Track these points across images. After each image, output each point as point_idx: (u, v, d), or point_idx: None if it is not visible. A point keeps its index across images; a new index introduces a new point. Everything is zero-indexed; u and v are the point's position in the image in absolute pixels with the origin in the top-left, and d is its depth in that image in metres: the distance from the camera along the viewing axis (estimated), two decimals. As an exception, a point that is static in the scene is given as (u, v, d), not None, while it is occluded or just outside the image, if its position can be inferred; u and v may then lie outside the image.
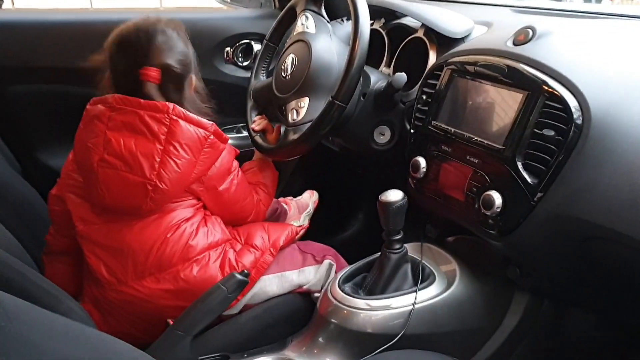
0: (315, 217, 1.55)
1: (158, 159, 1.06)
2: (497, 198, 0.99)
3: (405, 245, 1.14)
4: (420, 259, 1.16)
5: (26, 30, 1.58)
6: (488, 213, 1.01)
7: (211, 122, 1.13)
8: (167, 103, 1.08)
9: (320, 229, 1.59)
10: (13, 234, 1.11)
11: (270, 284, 1.20)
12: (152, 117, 1.07)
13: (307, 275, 1.24)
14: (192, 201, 1.16)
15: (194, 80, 1.20)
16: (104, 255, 1.12)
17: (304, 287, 1.24)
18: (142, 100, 1.08)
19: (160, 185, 1.06)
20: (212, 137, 1.11)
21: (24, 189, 1.28)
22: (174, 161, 1.07)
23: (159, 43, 1.12)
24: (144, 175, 1.06)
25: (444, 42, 1.30)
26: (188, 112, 1.10)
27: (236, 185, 1.23)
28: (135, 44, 1.11)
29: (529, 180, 0.96)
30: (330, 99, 1.17)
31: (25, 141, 1.63)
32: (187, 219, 1.14)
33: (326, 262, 1.26)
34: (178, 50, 1.15)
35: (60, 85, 1.61)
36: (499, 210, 0.99)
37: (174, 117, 1.07)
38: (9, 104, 1.58)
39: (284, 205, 1.52)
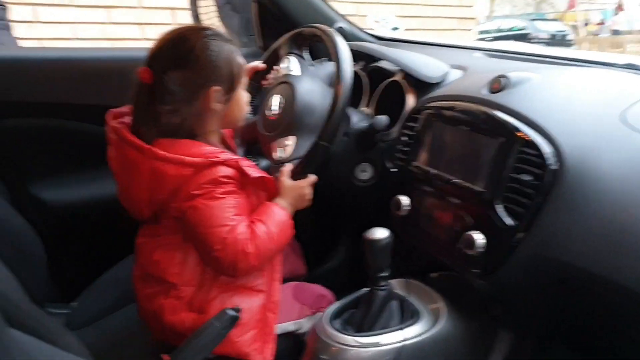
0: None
1: (121, 180, 1.10)
2: (479, 238, 1.03)
3: (390, 281, 1.17)
4: (405, 296, 1.20)
5: (21, 66, 1.60)
6: (470, 253, 1.04)
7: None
8: (119, 125, 1.07)
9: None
10: (7, 265, 1.09)
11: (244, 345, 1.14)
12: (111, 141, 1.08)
13: (301, 324, 1.24)
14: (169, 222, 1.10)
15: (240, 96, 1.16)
16: None
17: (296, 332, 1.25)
18: (129, 136, 1.06)
19: (125, 204, 1.11)
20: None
21: (16, 220, 1.28)
22: (126, 184, 1.09)
23: (201, 58, 1.07)
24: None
25: (421, 85, 1.36)
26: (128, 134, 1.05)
27: (210, 205, 1.04)
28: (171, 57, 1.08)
29: (508, 222, 1.00)
30: (316, 139, 1.21)
31: (19, 173, 1.64)
32: (155, 237, 1.12)
33: (320, 313, 1.25)
34: (220, 64, 1.09)
35: (54, 119, 1.63)
36: (481, 250, 1.02)
37: (121, 143, 1.06)
38: (3, 137, 1.60)
39: None
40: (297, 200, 1.19)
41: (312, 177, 1.22)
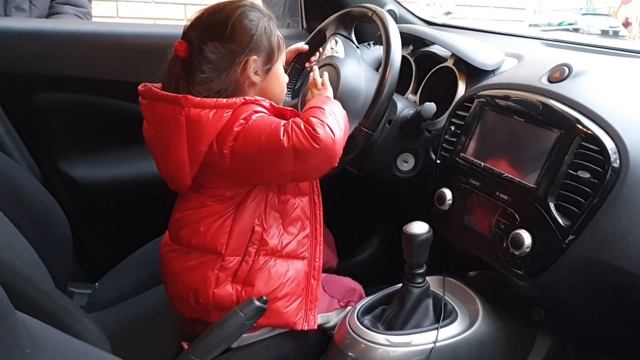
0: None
1: (157, 146, 1.07)
2: (527, 238, 0.97)
3: (427, 279, 1.11)
4: (442, 294, 1.14)
5: (54, 39, 1.58)
6: (516, 252, 0.99)
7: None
8: (147, 87, 1.06)
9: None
10: (32, 244, 1.10)
11: (291, 315, 1.14)
12: (143, 105, 1.06)
13: (329, 317, 1.21)
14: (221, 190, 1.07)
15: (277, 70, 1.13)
16: None
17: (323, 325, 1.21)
18: (140, 88, 1.07)
19: (164, 171, 1.09)
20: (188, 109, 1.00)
21: (44, 198, 1.27)
22: (164, 147, 1.05)
23: (242, 29, 1.05)
24: (158, 160, 1.10)
25: (474, 73, 1.29)
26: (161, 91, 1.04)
27: (254, 124, 1.00)
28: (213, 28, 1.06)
29: (561, 222, 0.94)
30: (358, 125, 1.15)
31: (48, 150, 1.62)
32: (202, 207, 1.09)
33: (349, 307, 1.22)
34: (260, 37, 1.06)
35: (85, 95, 1.60)
36: (527, 250, 0.97)
37: (153, 102, 1.03)
38: (35, 112, 1.58)
39: None
40: (322, 96, 1.16)
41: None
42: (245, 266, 1.07)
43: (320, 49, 1.39)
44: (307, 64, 1.44)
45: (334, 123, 1.01)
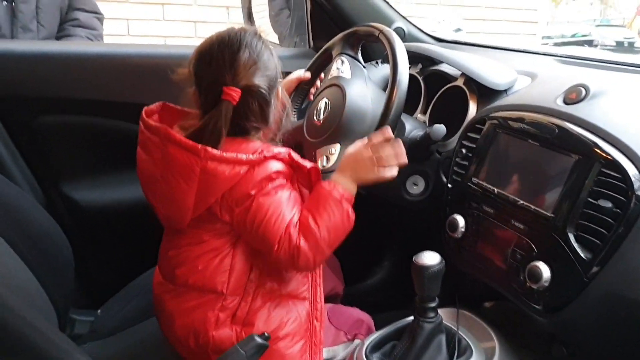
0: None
1: (159, 185, 1.00)
2: (545, 270, 0.91)
3: (439, 312, 1.05)
4: (456, 329, 1.08)
5: (56, 61, 1.56)
6: (534, 286, 0.93)
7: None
8: (160, 125, 0.98)
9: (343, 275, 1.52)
10: (32, 270, 1.07)
11: (294, 357, 1.09)
12: (150, 140, 1.00)
13: (336, 352, 1.16)
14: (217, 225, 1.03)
15: (280, 93, 1.07)
16: None
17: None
18: (145, 119, 1.01)
19: (163, 211, 1.03)
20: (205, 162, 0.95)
21: (46, 222, 1.24)
22: (169, 190, 0.99)
23: (243, 59, 0.99)
24: (155, 199, 1.03)
25: (485, 92, 1.24)
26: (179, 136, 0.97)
27: (265, 203, 0.98)
28: (218, 59, 0.99)
29: (582, 254, 0.87)
30: (364, 148, 1.10)
31: (52, 173, 1.60)
32: (200, 244, 1.04)
33: (357, 341, 1.16)
34: (264, 66, 1.01)
35: (89, 117, 1.59)
36: (546, 284, 0.91)
37: (165, 143, 0.97)
38: (38, 135, 1.56)
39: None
40: (357, 168, 1.05)
41: (365, 139, 1.07)
42: (244, 305, 1.02)
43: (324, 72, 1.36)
44: (311, 90, 1.40)
45: (321, 254, 0.99)
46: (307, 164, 1.02)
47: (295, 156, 1.02)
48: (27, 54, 1.55)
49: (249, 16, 2.12)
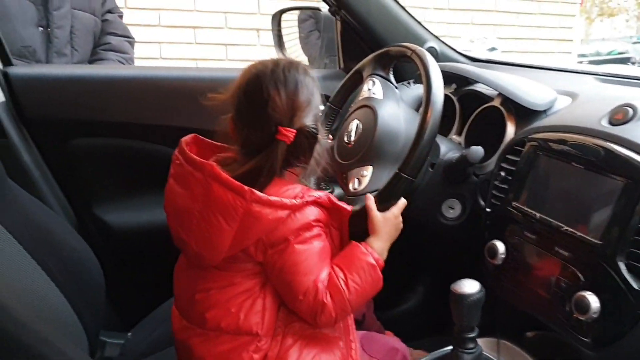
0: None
1: (195, 221, 0.95)
2: (594, 301, 0.86)
3: (478, 342, 1.00)
4: (496, 361, 1.02)
5: (89, 84, 1.59)
6: (582, 318, 0.87)
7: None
8: (205, 162, 0.94)
9: (374, 300, 1.48)
10: (63, 293, 1.07)
11: None
12: (192, 174, 0.95)
13: None
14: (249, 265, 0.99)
15: (321, 134, 1.04)
16: None
17: None
18: (187, 153, 0.97)
19: (196, 249, 0.97)
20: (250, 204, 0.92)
21: (77, 245, 1.24)
22: (206, 228, 0.95)
23: (301, 100, 0.97)
24: (187, 234, 0.98)
25: (523, 113, 1.20)
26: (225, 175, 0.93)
27: (299, 251, 0.96)
28: (274, 99, 0.95)
29: (634, 285, 0.82)
30: (397, 170, 1.07)
31: (84, 195, 1.62)
32: (231, 285, 1.00)
33: None
34: (315, 104, 1.00)
35: (122, 139, 1.60)
36: (595, 315, 0.86)
37: (209, 180, 0.92)
38: (70, 157, 1.58)
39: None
40: (392, 233, 1.07)
41: (402, 202, 1.08)
42: (275, 345, 0.98)
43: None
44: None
45: (345, 312, 0.99)
46: (347, 207, 1.01)
47: (334, 199, 1.00)
48: (60, 77, 1.58)
49: (279, 39, 2.11)
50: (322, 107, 1.04)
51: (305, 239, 0.95)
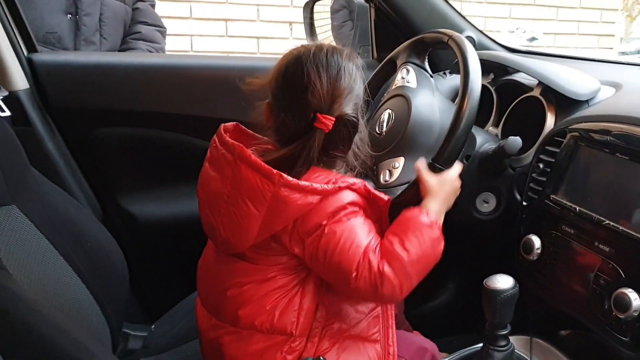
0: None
1: (224, 205, 0.92)
2: (635, 299, 0.82)
3: (511, 339, 0.97)
4: (529, 359, 0.99)
5: (115, 72, 1.57)
6: (621, 316, 0.84)
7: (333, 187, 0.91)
8: (236, 144, 0.91)
9: (404, 300, 1.45)
10: (87, 285, 1.06)
11: None
12: (224, 157, 0.93)
13: None
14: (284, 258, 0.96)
15: (362, 125, 1.00)
16: None
17: None
18: (224, 136, 0.94)
19: (223, 234, 0.94)
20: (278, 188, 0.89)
21: (102, 237, 1.24)
22: (234, 212, 0.92)
23: (342, 87, 0.92)
24: (215, 219, 0.95)
25: (564, 103, 1.16)
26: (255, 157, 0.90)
27: (338, 230, 0.92)
28: (315, 84, 0.91)
29: (679, 282, 0.78)
30: (431, 161, 1.04)
31: (109, 185, 1.61)
32: (265, 281, 0.96)
33: None
34: (356, 93, 0.96)
35: (147, 129, 1.58)
36: (636, 314, 0.82)
37: (238, 163, 0.90)
38: (95, 147, 1.57)
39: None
40: (449, 195, 1.01)
41: (458, 166, 1.03)
42: (310, 347, 0.95)
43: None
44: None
45: (409, 280, 0.91)
46: (384, 196, 0.96)
47: (371, 188, 0.96)
48: (86, 65, 1.58)
49: (311, 28, 2.09)
50: (364, 97, 1.00)
51: (340, 218, 0.90)
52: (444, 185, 0.99)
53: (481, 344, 0.99)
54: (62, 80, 1.54)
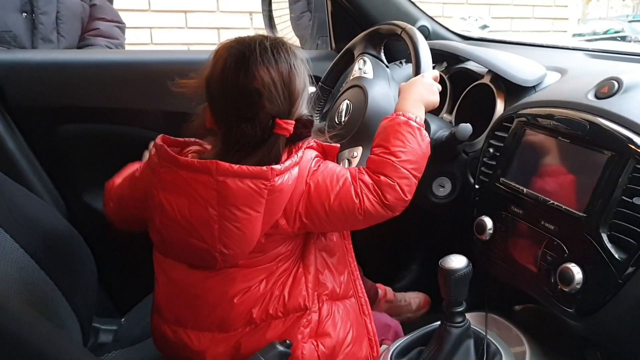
0: (366, 266, 1.45)
1: (216, 226, 0.89)
2: (577, 272, 0.87)
3: (467, 316, 1.02)
4: (484, 334, 1.04)
5: (74, 69, 1.56)
6: (566, 289, 0.89)
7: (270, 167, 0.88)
8: (208, 162, 0.87)
9: (371, 279, 1.50)
10: (55, 282, 1.06)
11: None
12: (195, 180, 0.88)
13: None
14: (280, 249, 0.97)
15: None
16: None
17: None
18: (180, 159, 0.90)
19: (226, 251, 0.91)
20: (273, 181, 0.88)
21: (67, 232, 1.23)
22: (234, 225, 0.89)
23: (298, 89, 0.91)
24: (207, 242, 0.91)
25: (513, 90, 1.20)
26: (237, 166, 0.87)
27: (319, 178, 0.94)
28: (271, 91, 0.88)
29: (615, 255, 0.84)
30: (387, 150, 1.08)
31: (73, 182, 1.60)
32: (269, 275, 0.97)
33: (384, 346, 1.13)
34: (307, 90, 0.95)
35: (108, 125, 1.58)
36: (579, 286, 0.87)
37: (220, 179, 0.87)
38: (57, 144, 1.56)
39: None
40: (423, 93, 1.04)
41: (434, 71, 1.10)
42: (315, 317, 0.98)
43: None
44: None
45: (406, 178, 0.96)
46: (335, 145, 1.02)
47: (320, 142, 1.02)
48: (45, 63, 1.56)
49: (270, 20, 2.10)
50: (312, 89, 1.03)
51: (314, 170, 0.94)
52: (413, 86, 1.04)
53: (439, 322, 1.04)
54: (20, 78, 1.52)
